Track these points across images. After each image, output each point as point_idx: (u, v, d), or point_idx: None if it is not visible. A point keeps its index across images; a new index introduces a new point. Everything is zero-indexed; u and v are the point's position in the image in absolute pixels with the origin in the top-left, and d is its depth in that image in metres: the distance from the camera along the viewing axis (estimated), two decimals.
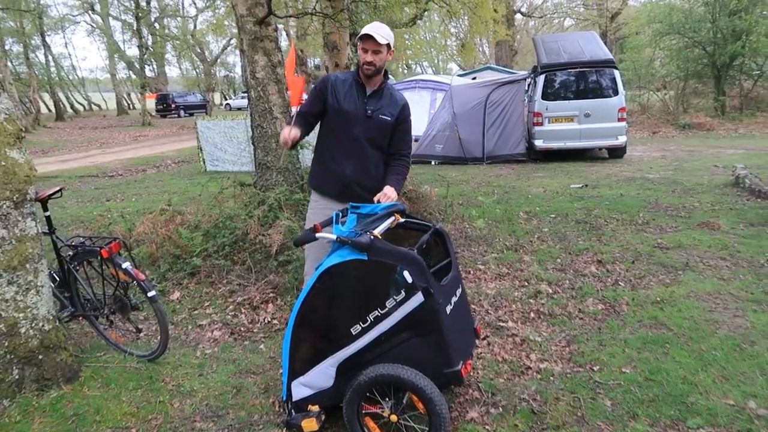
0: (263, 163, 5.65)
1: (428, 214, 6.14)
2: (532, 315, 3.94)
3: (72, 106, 47.17)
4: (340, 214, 2.68)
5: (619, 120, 10.97)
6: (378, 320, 2.40)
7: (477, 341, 3.12)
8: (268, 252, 4.83)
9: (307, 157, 5.77)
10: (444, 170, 10.78)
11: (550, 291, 4.34)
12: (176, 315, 4.25)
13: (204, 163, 12.93)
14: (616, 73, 11.17)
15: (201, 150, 12.95)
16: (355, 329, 2.44)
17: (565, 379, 3.05)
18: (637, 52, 21.46)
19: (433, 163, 12.19)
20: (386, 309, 2.39)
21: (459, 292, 2.71)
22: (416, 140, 13.35)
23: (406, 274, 2.34)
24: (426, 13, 13.71)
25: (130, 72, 43.76)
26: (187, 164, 14.47)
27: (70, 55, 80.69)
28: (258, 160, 5.72)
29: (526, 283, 4.53)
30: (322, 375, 2.54)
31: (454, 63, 42.44)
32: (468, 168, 11.16)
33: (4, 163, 2.83)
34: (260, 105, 5.47)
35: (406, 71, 44.87)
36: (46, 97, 41.51)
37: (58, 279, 3.53)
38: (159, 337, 3.30)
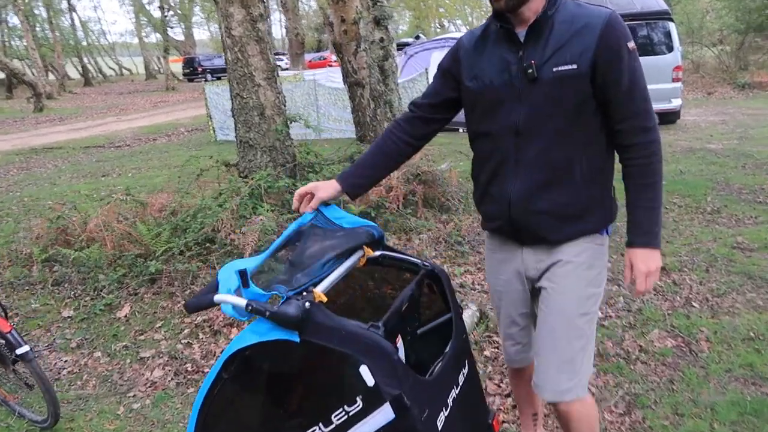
0: (245, 140, 4.67)
1: (445, 200, 5.09)
2: None
3: (101, 71, 46.83)
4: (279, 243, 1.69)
5: (674, 80, 9.56)
6: None
7: None
8: (241, 254, 3.88)
9: (298, 130, 4.80)
10: None
11: (600, 313, 3.28)
12: (117, 341, 3.36)
13: (214, 131, 12.04)
14: (671, 26, 9.68)
15: (210, 118, 12.04)
16: None
17: None
18: (691, 3, 19.43)
19: (460, 130, 11.02)
20: (332, 427, 1.40)
21: (464, 375, 1.70)
22: None
23: (363, 371, 1.34)
24: None
25: (158, 35, 42.96)
26: (200, 132, 13.64)
27: (99, 19, 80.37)
28: (239, 137, 4.74)
29: None
30: None
31: None
32: None
33: None
34: (238, 69, 4.45)
35: (438, 30, 42.94)
36: (76, 62, 41.18)
37: None
38: (46, 406, 2.40)
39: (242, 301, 1.41)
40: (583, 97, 1.51)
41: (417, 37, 19.12)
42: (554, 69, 1.48)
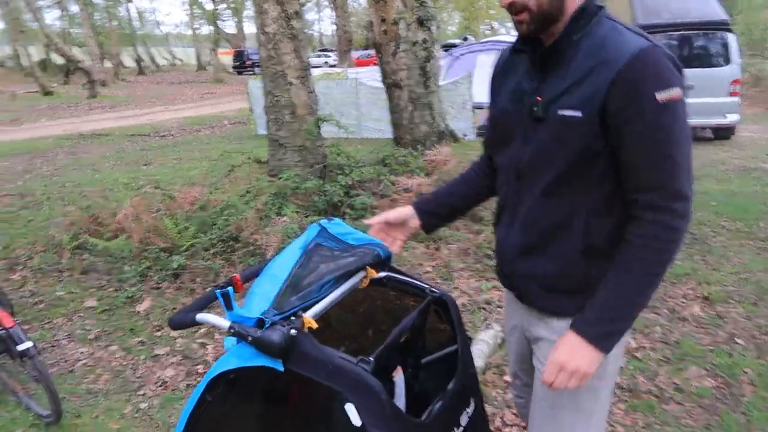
0: (275, 139, 4.62)
1: (478, 209, 4.92)
2: None
3: (154, 61, 48.11)
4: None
5: (731, 94, 9.07)
6: None
7: None
8: (263, 255, 3.83)
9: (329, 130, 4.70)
10: None
11: (633, 343, 3.07)
12: (134, 336, 3.34)
13: (255, 125, 12.12)
14: (731, 37, 9.16)
15: (252, 111, 12.12)
16: None
17: None
18: (753, 13, 18.57)
19: None
20: None
21: (468, 415, 1.56)
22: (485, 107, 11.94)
23: (349, 410, 1.22)
24: None
25: (210, 27, 43.84)
26: (242, 126, 13.77)
27: (154, 10, 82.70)
28: (270, 134, 4.68)
29: None
30: None
31: None
32: None
33: None
34: (271, 67, 4.40)
35: (488, 32, 42.40)
36: (131, 51, 42.42)
37: None
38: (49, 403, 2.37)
39: (225, 323, 1.31)
40: (592, 145, 1.21)
41: (465, 39, 18.87)
42: (559, 111, 1.23)
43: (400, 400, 1.50)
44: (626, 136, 1.18)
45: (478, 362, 2.91)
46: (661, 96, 1.13)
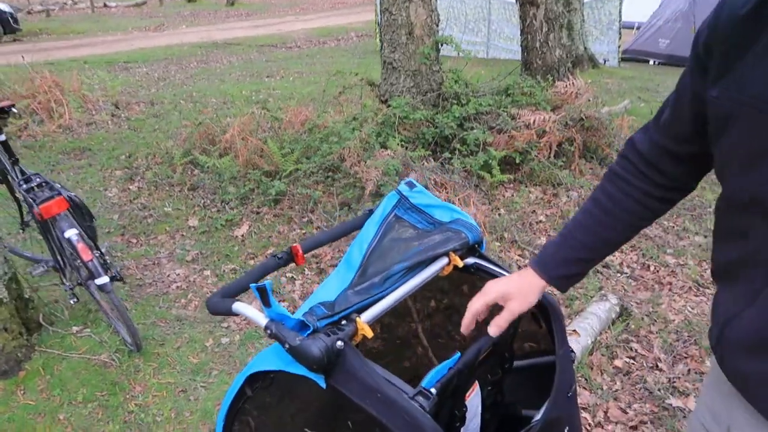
0: (389, 61, 4.26)
1: (609, 152, 4.31)
2: None
3: None
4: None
5: None
6: None
7: None
8: (362, 188, 3.60)
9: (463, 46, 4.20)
10: (663, 74, 8.23)
11: None
12: (228, 262, 3.32)
13: (380, 41, 11.72)
14: None
15: (378, 26, 11.67)
16: None
17: None
18: None
19: (651, 62, 9.52)
20: None
21: None
22: (637, 28, 10.55)
23: None
24: None
25: None
26: (368, 39, 13.41)
27: None
28: (383, 56, 4.32)
29: None
30: None
31: None
32: None
33: None
34: None
35: None
36: None
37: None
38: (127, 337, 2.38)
39: (262, 321, 1.08)
40: None
41: None
42: None
43: (473, 424, 1.23)
44: None
45: (585, 340, 2.53)
46: None
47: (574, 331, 2.52)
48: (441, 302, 1.69)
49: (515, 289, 1.08)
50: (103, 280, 2.10)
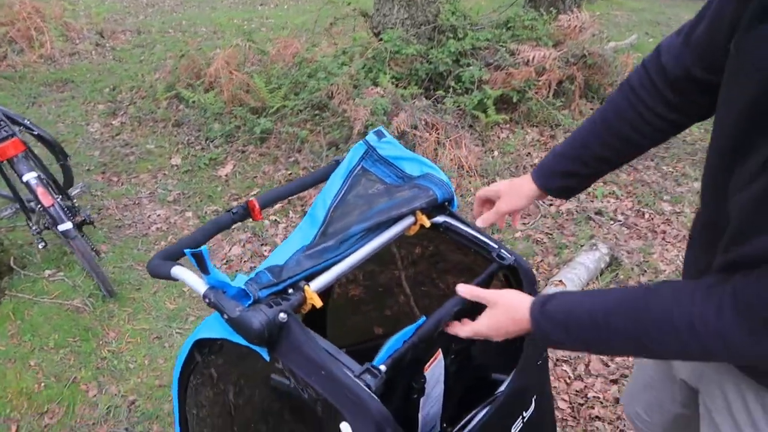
0: None
1: (609, 86, 4.13)
2: None
3: None
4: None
5: None
6: None
7: None
8: (351, 128, 3.46)
9: None
10: (676, 6, 7.83)
11: None
12: (211, 203, 3.23)
13: None
14: None
15: None
16: None
17: None
18: None
19: None
20: None
21: (524, 419, 1.18)
22: None
23: (345, 429, 0.89)
24: None
25: None
26: None
27: None
28: None
29: None
30: None
31: None
32: None
33: None
34: None
35: None
36: None
37: None
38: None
39: (201, 288, 0.99)
40: None
41: None
42: None
43: (435, 392, 1.16)
44: None
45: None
46: None
47: (561, 281, 2.45)
48: (427, 249, 1.61)
49: (507, 190, 1.13)
50: (66, 226, 2.01)
